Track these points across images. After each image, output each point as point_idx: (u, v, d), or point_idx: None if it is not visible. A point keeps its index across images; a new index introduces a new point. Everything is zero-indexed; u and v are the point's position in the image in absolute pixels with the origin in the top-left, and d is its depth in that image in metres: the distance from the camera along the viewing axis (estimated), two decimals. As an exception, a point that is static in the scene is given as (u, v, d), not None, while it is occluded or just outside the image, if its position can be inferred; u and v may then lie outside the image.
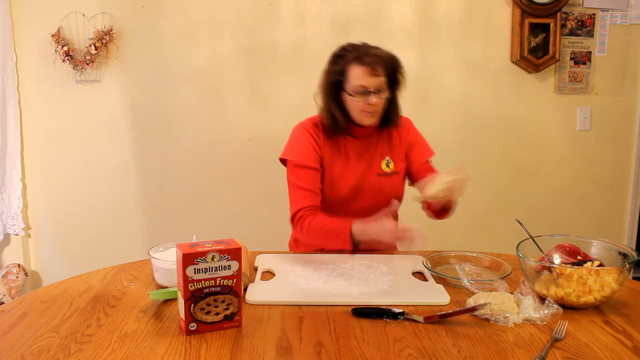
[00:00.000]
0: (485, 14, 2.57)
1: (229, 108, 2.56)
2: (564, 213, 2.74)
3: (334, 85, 1.56)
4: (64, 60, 2.42)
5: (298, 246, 1.74)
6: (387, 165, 1.64)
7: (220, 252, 1.05)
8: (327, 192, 1.62)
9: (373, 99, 1.50)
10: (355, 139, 1.63)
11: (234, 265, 1.07)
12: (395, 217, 1.69)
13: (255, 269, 1.45)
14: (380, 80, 1.51)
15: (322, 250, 1.62)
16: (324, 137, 1.61)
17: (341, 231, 1.44)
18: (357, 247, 1.46)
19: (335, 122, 1.58)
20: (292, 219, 1.58)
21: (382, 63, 1.51)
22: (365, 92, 1.51)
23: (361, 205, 1.61)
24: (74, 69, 2.44)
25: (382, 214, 1.40)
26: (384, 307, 1.16)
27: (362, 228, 1.42)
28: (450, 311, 1.13)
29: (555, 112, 2.66)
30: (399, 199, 1.67)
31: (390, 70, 1.55)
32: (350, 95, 1.53)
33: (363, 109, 1.53)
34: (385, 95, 1.54)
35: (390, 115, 1.62)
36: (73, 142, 2.55)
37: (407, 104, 2.56)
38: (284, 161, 1.64)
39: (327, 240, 1.50)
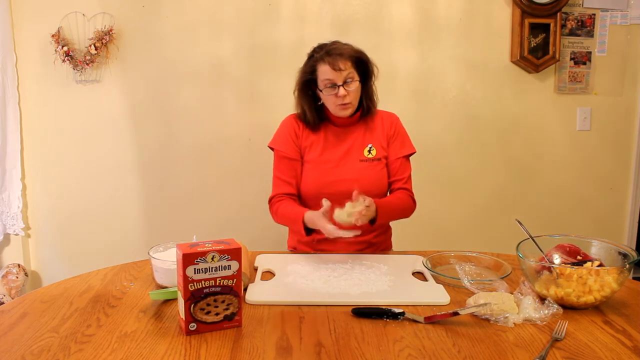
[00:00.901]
0: (485, 14, 2.56)
1: (229, 108, 2.56)
2: (563, 213, 2.73)
3: (305, 84, 1.67)
4: (64, 60, 2.42)
5: (293, 238, 1.79)
6: (369, 152, 1.69)
7: (220, 252, 1.05)
8: (311, 176, 1.68)
9: (341, 91, 1.59)
10: (336, 127, 1.71)
11: (234, 265, 1.07)
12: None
13: (255, 269, 1.45)
14: (345, 74, 1.59)
15: (321, 251, 1.63)
16: (304, 126, 1.72)
17: (296, 219, 1.57)
18: (311, 233, 1.58)
19: (305, 116, 1.70)
20: (269, 202, 1.73)
21: (346, 57, 1.58)
22: (332, 85, 1.60)
23: (344, 188, 1.62)
24: (74, 69, 2.44)
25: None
26: (384, 307, 1.16)
27: (310, 217, 1.54)
28: (442, 312, 1.13)
29: (555, 112, 2.66)
30: (382, 184, 1.70)
31: (357, 63, 1.62)
32: (321, 90, 1.63)
33: (336, 102, 1.62)
34: (354, 86, 1.61)
35: (364, 104, 1.69)
36: (73, 142, 2.55)
37: (408, 103, 2.59)
38: (272, 148, 1.76)
39: (290, 225, 1.69)
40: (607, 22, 2.60)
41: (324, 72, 1.59)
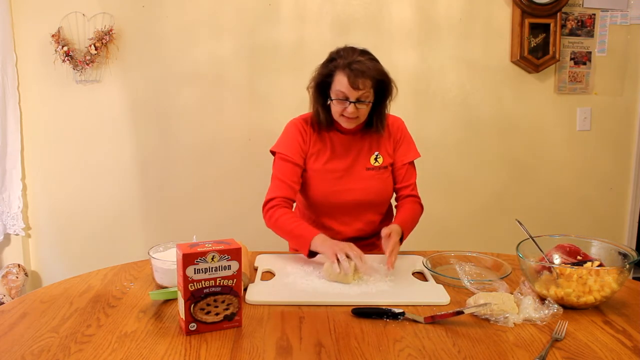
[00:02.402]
0: (485, 14, 2.56)
1: (229, 108, 2.56)
2: (564, 213, 2.73)
3: (320, 84, 1.61)
4: (64, 61, 2.42)
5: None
6: (376, 160, 1.66)
7: (220, 252, 1.05)
8: (317, 185, 1.65)
9: (350, 108, 1.53)
10: (343, 134, 1.67)
11: (234, 265, 1.07)
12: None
13: (255, 269, 1.45)
14: (361, 93, 1.52)
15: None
16: (312, 131, 1.67)
17: (302, 238, 1.47)
18: (314, 256, 1.47)
19: (319, 117, 1.64)
20: (264, 205, 1.63)
21: (367, 77, 1.51)
22: (344, 99, 1.53)
23: (351, 198, 1.63)
24: (74, 69, 2.44)
25: (345, 244, 1.41)
26: (384, 307, 1.16)
27: (320, 242, 1.43)
28: (442, 312, 1.13)
29: (555, 112, 2.66)
30: (389, 192, 1.70)
31: (376, 83, 1.55)
32: (332, 98, 1.57)
33: (341, 114, 1.57)
34: (364, 106, 1.56)
35: (374, 122, 1.64)
36: (73, 142, 2.55)
37: (408, 104, 2.59)
38: (273, 153, 1.71)
39: (288, 238, 1.59)
40: (607, 22, 2.60)
41: (340, 83, 1.52)
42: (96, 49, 2.41)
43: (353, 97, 1.52)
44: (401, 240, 1.55)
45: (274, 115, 2.54)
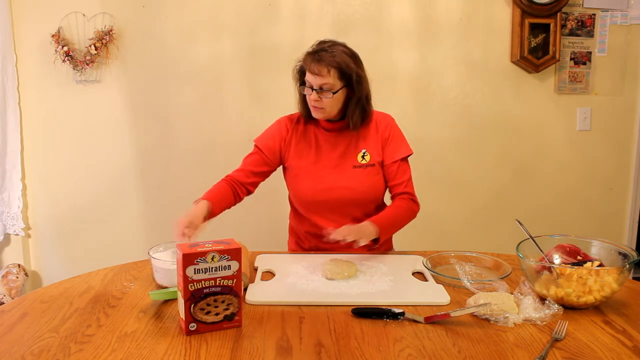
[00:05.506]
0: (485, 14, 2.56)
1: (229, 108, 2.56)
2: (563, 213, 2.73)
3: (298, 73, 1.63)
4: (64, 61, 2.42)
5: (292, 241, 1.80)
6: (363, 157, 1.64)
7: (220, 252, 1.05)
8: (304, 183, 1.64)
9: (312, 95, 1.55)
10: (328, 132, 1.65)
11: (234, 265, 1.07)
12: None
13: (255, 269, 1.45)
14: (323, 81, 1.51)
15: (323, 251, 1.63)
16: (295, 129, 1.68)
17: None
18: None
19: (303, 106, 1.65)
20: None
21: (324, 65, 1.51)
22: (309, 86, 1.55)
23: (338, 195, 1.61)
24: (74, 69, 2.44)
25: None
26: (384, 307, 1.16)
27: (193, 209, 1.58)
28: (441, 313, 1.13)
29: (555, 112, 2.66)
30: (377, 190, 1.65)
31: (341, 74, 1.53)
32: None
33: (309, 102, 1.58)
34: (328, 96, 1.53)
35: (348, 117, 1.60)
36: (73, 142, 2.55)
37: (408, 103, 2.59)
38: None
39: None
40: (607, 22, 2.60)
41: (307, 69, 1.54)
42: (96, 49, 2.41)
43: (315, 84, 1.53)
44: (377, 240, 1.49)
45: (274, 116, 2.51)
